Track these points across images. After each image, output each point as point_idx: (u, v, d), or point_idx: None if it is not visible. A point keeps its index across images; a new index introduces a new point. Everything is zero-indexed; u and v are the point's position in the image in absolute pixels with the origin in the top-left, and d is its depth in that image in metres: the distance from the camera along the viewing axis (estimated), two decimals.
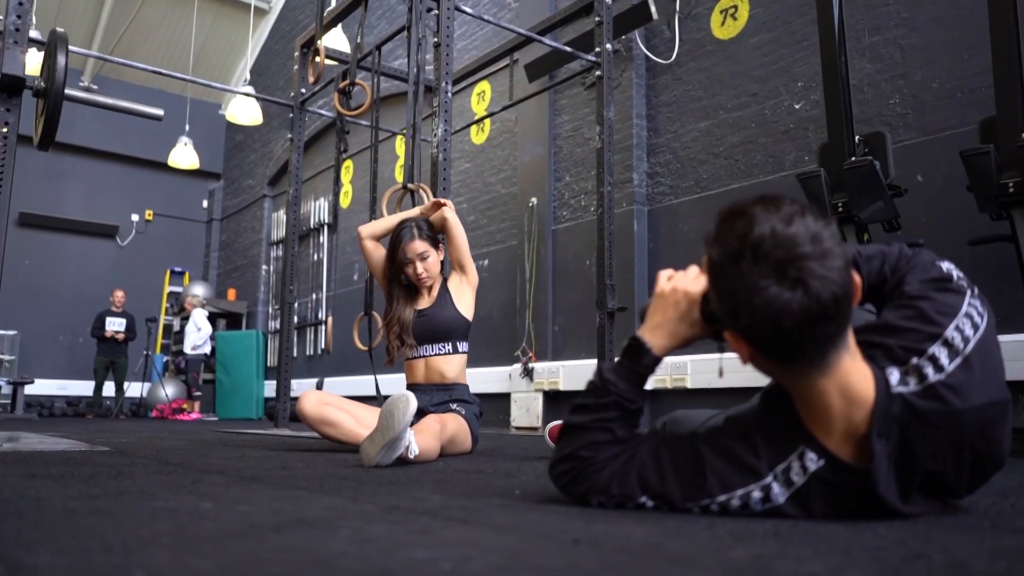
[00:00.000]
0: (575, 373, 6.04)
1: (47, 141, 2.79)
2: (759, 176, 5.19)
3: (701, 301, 1.22)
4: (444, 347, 2.93)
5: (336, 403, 2.78)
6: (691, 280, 1.24)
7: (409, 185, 4.01)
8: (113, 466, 1.98)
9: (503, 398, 6.59)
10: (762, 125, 5.22)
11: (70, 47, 3.05)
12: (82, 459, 2.23)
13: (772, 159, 5.13)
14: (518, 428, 6.31)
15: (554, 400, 6.26)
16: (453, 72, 4.25)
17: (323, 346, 9.83)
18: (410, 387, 2.96)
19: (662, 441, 1.23)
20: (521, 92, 6.36)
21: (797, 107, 5.03)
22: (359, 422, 2.75)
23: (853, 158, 3.46)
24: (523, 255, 6.61)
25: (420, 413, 2.84)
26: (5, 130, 2.99)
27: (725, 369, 5.32)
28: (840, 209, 3.44)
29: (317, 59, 5.16)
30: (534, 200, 6.63)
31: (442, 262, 3.03)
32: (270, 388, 10.57)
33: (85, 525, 0.97)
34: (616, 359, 1.28)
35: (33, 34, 4.51)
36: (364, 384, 8.26)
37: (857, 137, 3.54)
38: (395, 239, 2.89)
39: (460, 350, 2.96)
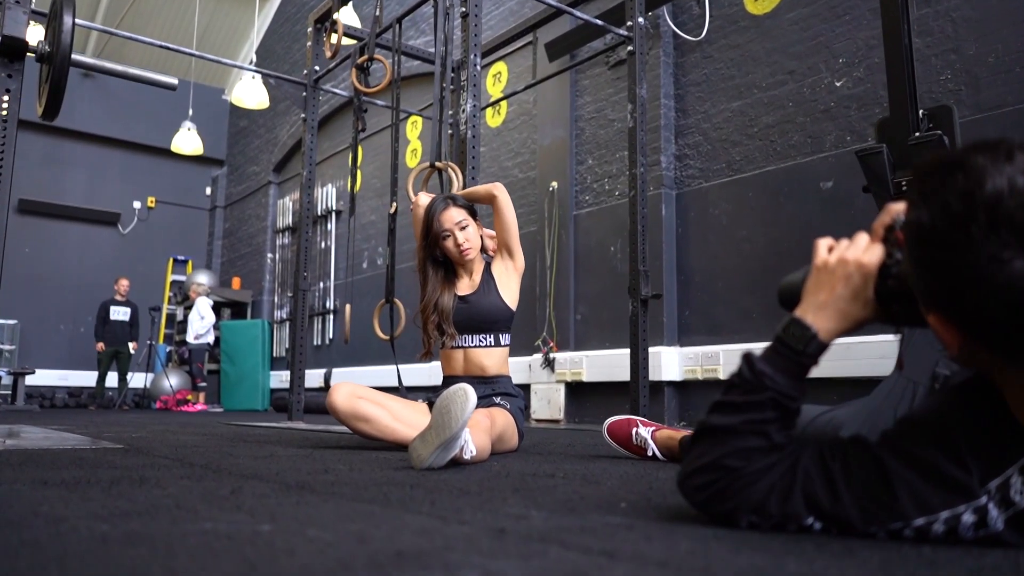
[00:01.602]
0: (599, 363, 5.81)
1: (53, 110, 2.54)
2: (796, 158, 4.95)
3: (877, 276, 0.99)
4: (485, 339, 2.68)
5: (369, 396, 2.55)
6: (863, 250, 1.01)
7: (437, 164, 3.76)
8: (132, 468, 1.75)
9: (522, 389, 6.35)
10: (800, 104, 4.97)
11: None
12: (95, 459, 1.99)
13: (811, 139, 4.88)
14: (538, 420, 6.09)
15: (577, 392, 6.03)
16: (481, 44, 4.00)
17: (332, 336, 9.60)
18: (448, 379, 2.73)
19: (828, 448, 1.00)
20: (540, 72, 6.10)
21: (838, 84, 4.78)
22: (395, 417, 2.52)
23: (917, 133, 3.21)
24: (543, 241, 6.37)
25: None
26: (6, 99, 2.74)
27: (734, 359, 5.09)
28: (904, 188, 3.19)
29: (335, 34, 4.91)
30: (554, 184, 6.39)
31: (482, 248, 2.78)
32: (276, 379, 10.35)
33: (125, 562, 0.74)
34: (769, 345, 1.04)
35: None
36: (373, 375, 8.04)
37: (921, 111, 3.29)
38: (427, 213, 2.65)
39: (503, 343, 2.71)
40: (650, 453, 2.21)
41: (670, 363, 5.36)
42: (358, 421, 2.47)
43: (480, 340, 2.68)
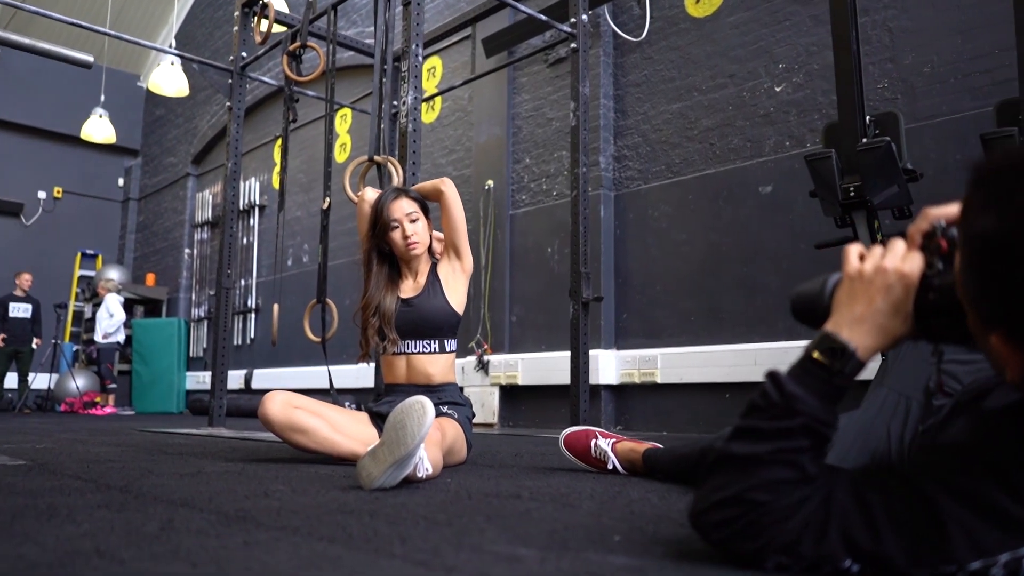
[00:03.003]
0: (535, 366, 5.71)
1: None
2: (736, 161, 4.95)
3: (919, 288, 0.89)
4: (429, 345, 2.51)
5: (306, 406, 2.36)
6: (901, 259, 0.90)
7: (376, 158, 3.59)
8: (39, 494, 1.52)
9: None
10: (740, 108, 4.98)
11: None
12: None
13: (750, 143, 4.89)
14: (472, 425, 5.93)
15: (512, 395, 5.91)
16: (423, 34, 3.83)
17: (254, 336, 9.24)
18: (390, 387, 2.55)
19: (863, 480, 0.89)
20: (478, 69, 5.96)
21: (778, 90, 4.80)
22: (335, 428, 2.34)
23: (865, 139, 3.21)
24: (478, 241, 6.22)
25: None
26: None
27: (695, 363, 5.05)
28: (852, 193, 3.19)
29: (264, 19, 4.66)
30: (490, 183, 6.25)
31: (429, 249, 2.62)
32: (192, 380, 9.89)
33: None
34: (797, 364, 0.92)
35: None
36: (297, 376, 7.74)
37: (868, 117, 3.30)
38: (377, 203, 2.48)
39: (448, 349, 2.54)
40: (610, 466, 2.10)
41: (607, 366, 5.30)
42: (294, 433, 2.28)
43: (424, 346, 2.51)
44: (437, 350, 2.51)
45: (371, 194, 2.58)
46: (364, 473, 1.69)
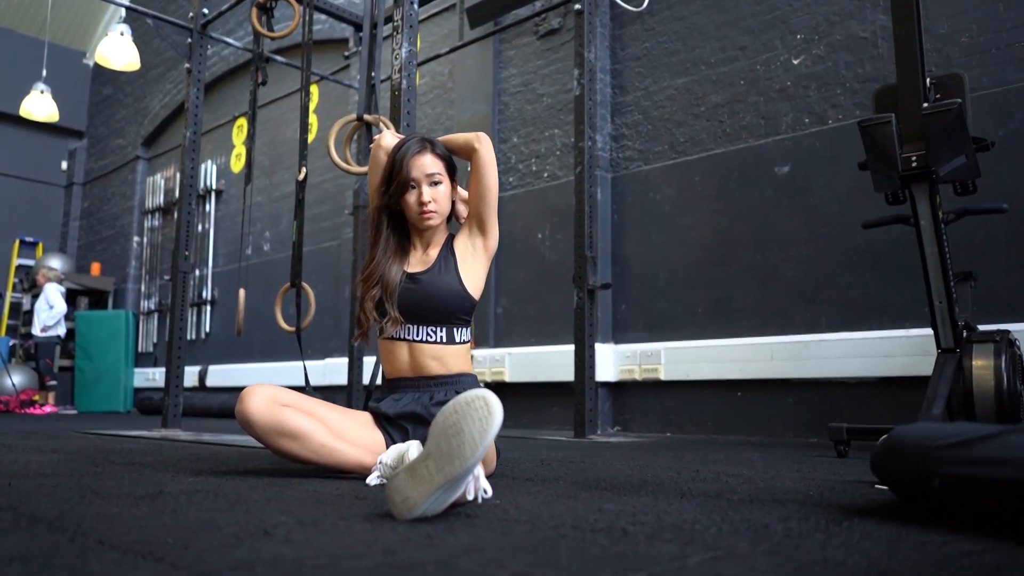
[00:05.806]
0: (523, 362, 5.26)
1: None
2: (749, 140, 4.56)
3: None
4: (436, 333, 2.01)
5: (296, 403, 1.88)
6: None
7: (366, 117, 3.11)
8: None
9: None
10: (753, 83, 4.59)
11: None
12: None
13: (764, 121, 4.51)
14: None
15: (498, 393, 5.42)
16: None
17: (209, 329, 8.61)
18: (391, 382, 2.07)
19: None
20: (462, 39, 5.49)
21: (796, 62, 4.43)
22: (335, 433, 1.86)
23: (926, 104, 2.83)
24: None
25: (417, 419, 1.97)
26: None
27: (702, 358, 4.68)
28: (914, 164, 2.80)
29: None
30: None
31: (450, 217, 2.17)
32: (141, 377, 9.23)
33: None
34: None
35: None
36: (258, 373, 7.16)
37: (928, 80, 2.92)
38: (397, 152, 2.01)
39: (459, 339, 2.03)
40: None
41: (604, 362, 4.87)
42: (283, 438, 1.79)
43: (429, 334, 2.01)
44: (444, 340, 2.02)
45: (388, 139, 2.11)
46: (398, 497, 1.22)
